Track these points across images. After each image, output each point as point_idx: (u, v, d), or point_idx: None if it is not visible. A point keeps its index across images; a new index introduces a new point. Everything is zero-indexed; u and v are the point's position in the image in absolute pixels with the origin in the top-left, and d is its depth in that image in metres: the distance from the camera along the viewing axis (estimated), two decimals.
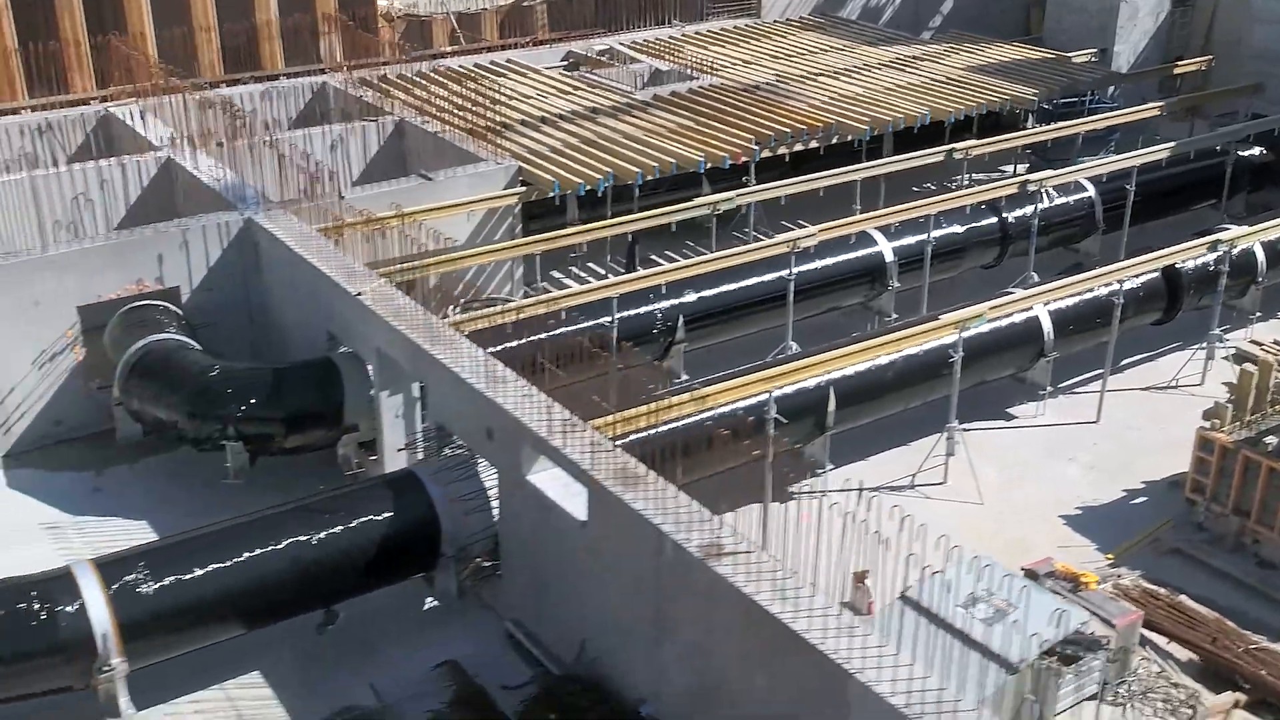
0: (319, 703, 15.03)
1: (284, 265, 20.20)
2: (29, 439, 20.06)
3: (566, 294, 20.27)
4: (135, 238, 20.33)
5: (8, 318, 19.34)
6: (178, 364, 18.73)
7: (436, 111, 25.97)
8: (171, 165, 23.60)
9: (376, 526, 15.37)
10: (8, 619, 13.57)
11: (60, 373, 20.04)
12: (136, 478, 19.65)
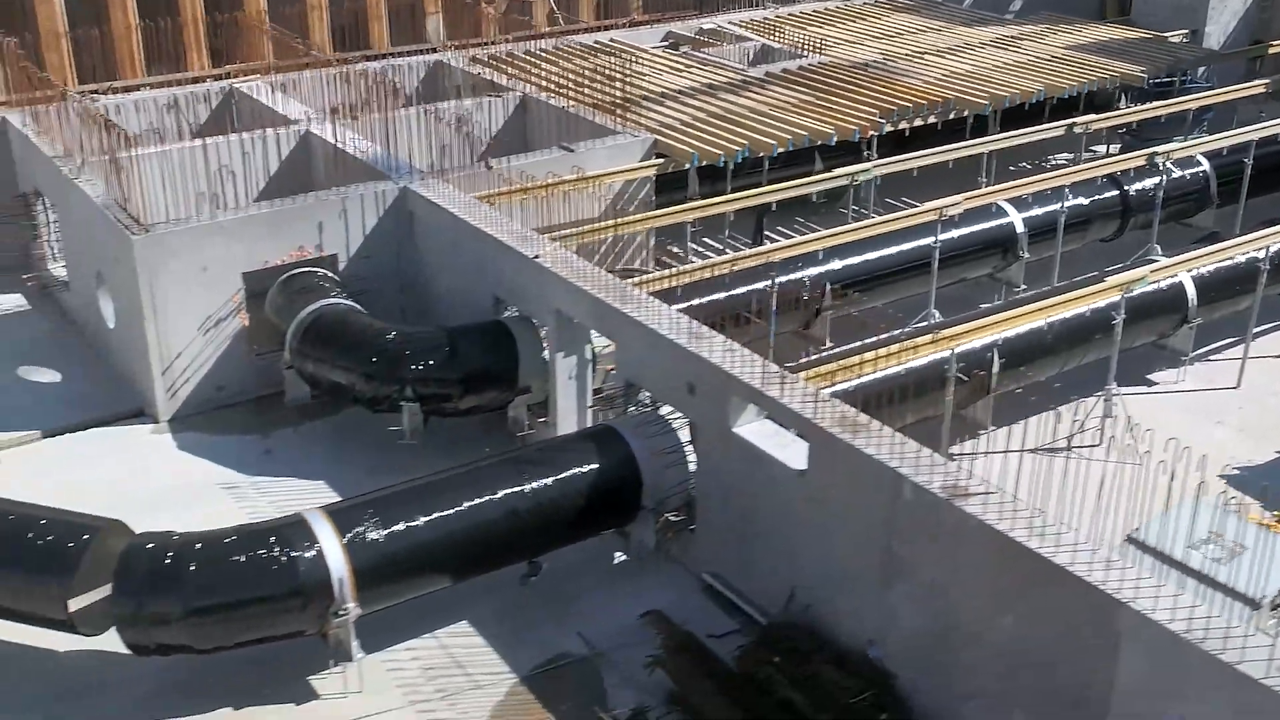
0: (530, 651, 15.31)
1: (445, 231, 20.48)
2: (192, 403, 20.34)
3: (730, 259, 20.56)
4: (298, 205, 20.61)
5: (178, 283, 19.64)
6: (353, 327, 19.01)
7: (556, 88, 26.24)
8: (310, 137, 23.89)
9: (583, 479, 15.63)
10: (251, 563, 13.85)
11: (224, 338, 20.32)
12: (303, 440, 19.93)
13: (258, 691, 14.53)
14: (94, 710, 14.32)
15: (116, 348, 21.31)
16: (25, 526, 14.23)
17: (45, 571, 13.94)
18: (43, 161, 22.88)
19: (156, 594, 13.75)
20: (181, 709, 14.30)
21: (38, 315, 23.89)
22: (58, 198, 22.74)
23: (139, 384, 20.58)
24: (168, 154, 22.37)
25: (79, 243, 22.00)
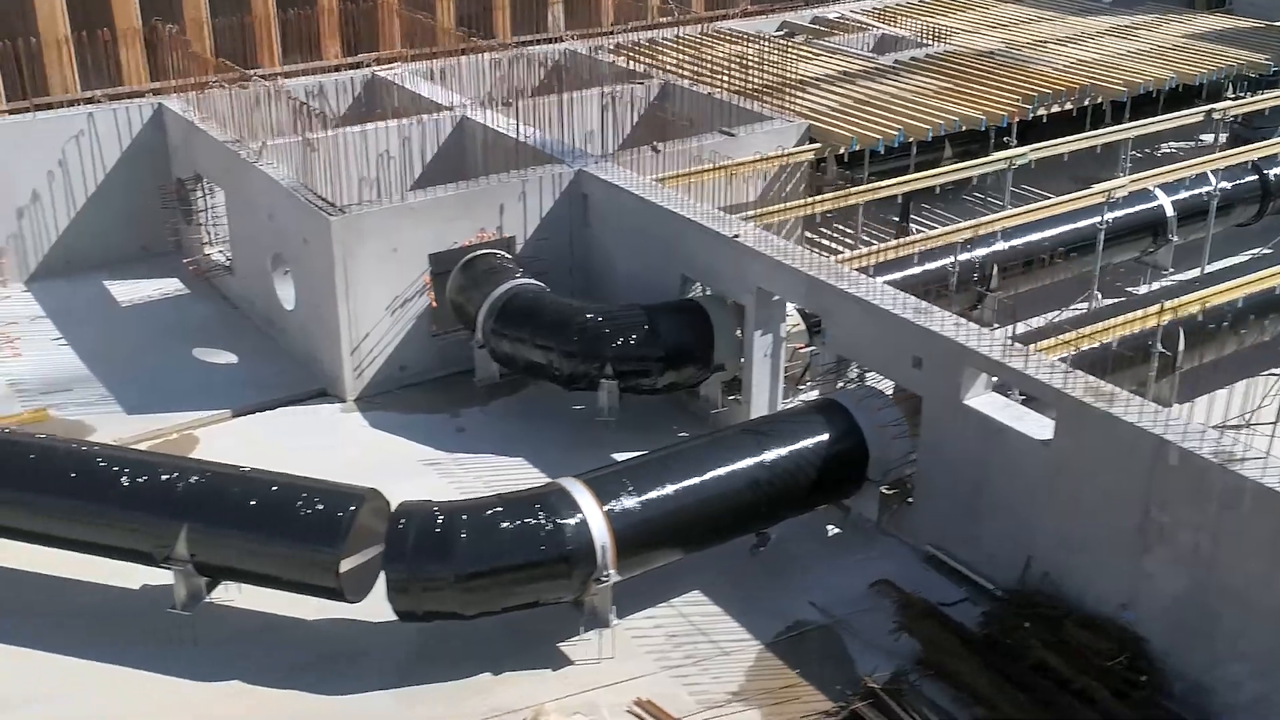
0: (766, 619, 15.61)
1: (625, 213, 20.78)
2: (377, 383, 20.66)
3: (917, 239, 20.87)
4: (482, 188, 20.91)
5: (370, 264, 19.95)
6: (550, 307, 19.31)
7: (695, 75, 26.53)
8: (466, 123, 24.19)
9: (815, 450, 15.92)
10: (519, 531, 14.16)
11: (408, 319, 20.63)
12: (491, 418, 20.25)
13: (513, 658, 14.84)
14: (358, 676, 14.62)
15: (296, 329, 21.61)
16: (291, 496, 14.54)
17: (315, 539, 14.24)
18: (210, 146, 23.20)
19: (429, 561, 14.07)
20: (442, 674, 14.62)
21: (197, 299, 24.22)
22: (228, 182, 23.03)
23: (322, 364, 20.88)
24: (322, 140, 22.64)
25: (252, 227, 22.28)
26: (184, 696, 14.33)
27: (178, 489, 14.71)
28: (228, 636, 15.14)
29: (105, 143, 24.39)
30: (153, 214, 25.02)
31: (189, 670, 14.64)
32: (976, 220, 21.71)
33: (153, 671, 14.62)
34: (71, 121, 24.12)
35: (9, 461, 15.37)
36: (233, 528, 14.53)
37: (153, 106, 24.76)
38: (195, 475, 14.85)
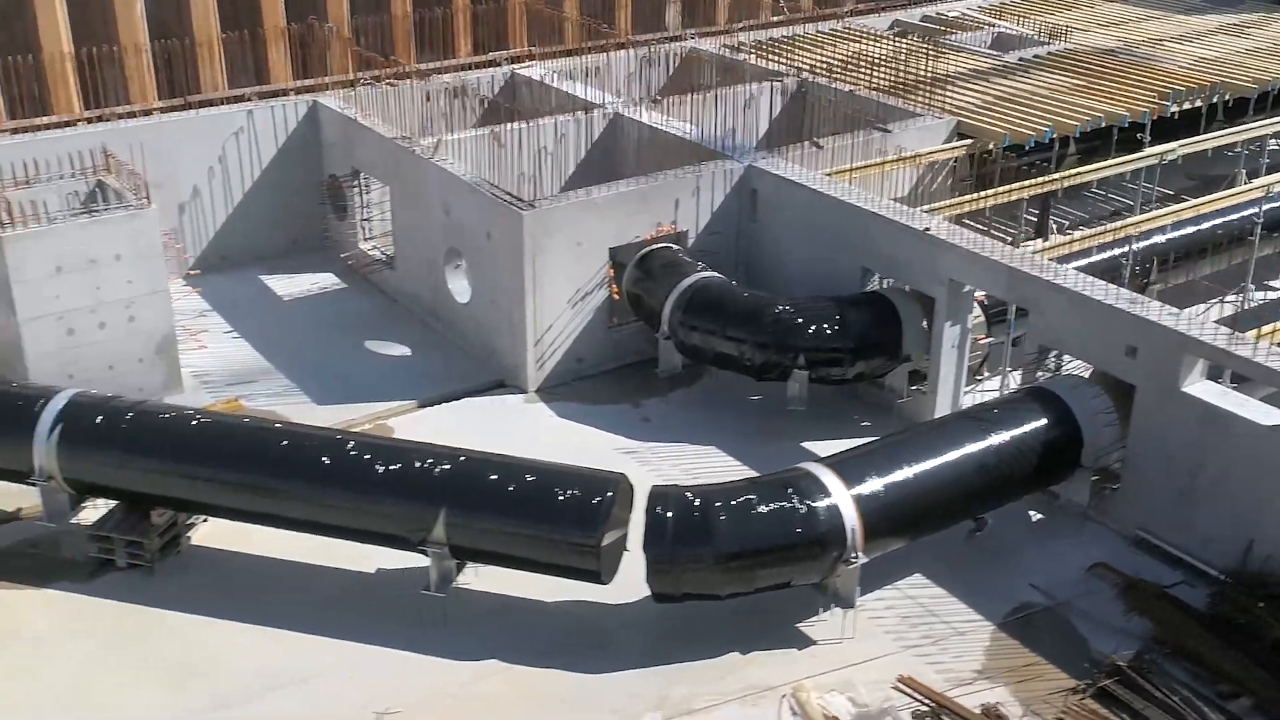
0: (990, 601, 16.04)
1: (798, 207, 21.20)
2: (556, 375, 21.10)
3: (1097, 231, 21.33)
4: (658, 184, 21.34)
5: (556, 258, 20.39)
6: (739, 299, 19.75)
7: (829, 72, 26.94)
8: (620, 120, 24.62)
9: (1035, 437, 16.35)
10: (775, 514, 14.60)
11: (587, 312, 21.07)
12: (672, 408, 20.69)
13: (756, 639, 15.27)
14: (611, 655, 15.08)
15: (469, 322, 22.04)
16: (548, 481, 14.98)
17: (575, 524, 14.69)
18: (374, 142, 23.64)
19: (690, 544, 14.53)
20: (690, 654, 15.06)
21: (354, 293, 24.64)
22: (395, 177, 23.44)
23: (500, 356, 21.31)
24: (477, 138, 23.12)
25: (422, 221, 22.70)
26: (447, 675, 14.79)
27: (434, 475, 15.16)
28: (475, 618, 15.60)
29: (262, 140, 24.83)
30: (302, 209, 25.47)
31: (446, 650, 15.11)
32: (1151, 213, 22.15)
33: (412, 651, 15.09)
34: (232, 119, 24.56)
35: (261, 450, 15.81)
36: (491, 513, 14.98)
37: (307, 104, 25.20)
38: (448, 462, 15.29)
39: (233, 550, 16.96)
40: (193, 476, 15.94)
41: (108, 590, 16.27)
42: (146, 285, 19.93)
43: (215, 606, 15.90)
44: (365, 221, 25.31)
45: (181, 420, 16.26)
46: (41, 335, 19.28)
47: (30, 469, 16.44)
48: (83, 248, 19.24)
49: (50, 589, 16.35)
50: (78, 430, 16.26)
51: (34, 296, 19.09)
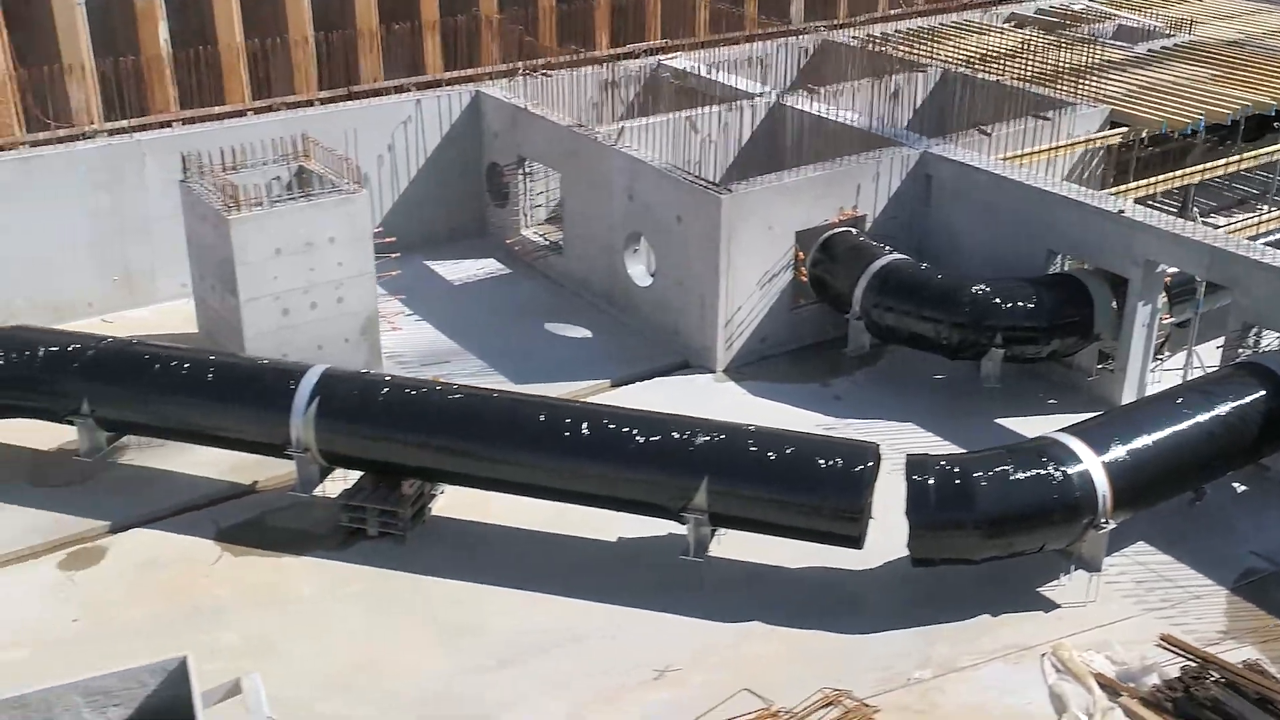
0: (1217, 567, 16.64)
1: (978, 190, 21.79)
2: (743, 355, 21.70)
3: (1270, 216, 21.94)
4: (842, 169, 21.94)
5: (748, 240, 21.00)
6: (933, 280, 20.33)
7: (970, 62, 27.54)
8: (781, 108, 25.22)
9: (1254, 409, 16.90)
10: (1032, 480, 15.21)
11: (773, 293, 21.68)
12: (860, 387, 21.28)
13: (1003, 601, 15.88)
14: (868, 616, 15.73)
15: (650, 305, 22.63)
16: (807, 451, 15.61)
17: (839, 492, 15.32)
18: (547, 130, 24.25)
19: (953, 510, 15.15)
20: (943, 616, 15.67)
21: (520, 277, 25.23)
22: (568, 164, 24.01)
23: (686, 337, 21.90)
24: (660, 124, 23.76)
25: (597, 207, 23.28)
26: (712, 636, 15.40)
27: (695, 445, 15.77)
28: (728, 582, 16.22)
29: (428, 129, 25.43)
30: (462, 197, 26.09)
31: (707, 613, 15.73)
32: None
33: (673, 614, 15.70)
34: (401, 108, 25.16)
35: (521, 423, 16.42)
36: (754, 481, 15.60)
37: (470, 94, 25.81)
38: (707, 433, 15.90)
39: (472, 520, 17.60)
40: (452, 449, 16.56)
41: (363, 557, 16.90)
42: (355, 267, 20.56)
43: (471, 572, 16.55)
44: (526, 209, 25.90)
45: (439, 394, 16.87)
46: (260, 315, 19.90)
47: (287, 441, 17.06)
48: (301, 230, 19.87)
49: (306, 557, 17.00)
50: (334, 404, 16.88)
51: (255, 277, 19.71)
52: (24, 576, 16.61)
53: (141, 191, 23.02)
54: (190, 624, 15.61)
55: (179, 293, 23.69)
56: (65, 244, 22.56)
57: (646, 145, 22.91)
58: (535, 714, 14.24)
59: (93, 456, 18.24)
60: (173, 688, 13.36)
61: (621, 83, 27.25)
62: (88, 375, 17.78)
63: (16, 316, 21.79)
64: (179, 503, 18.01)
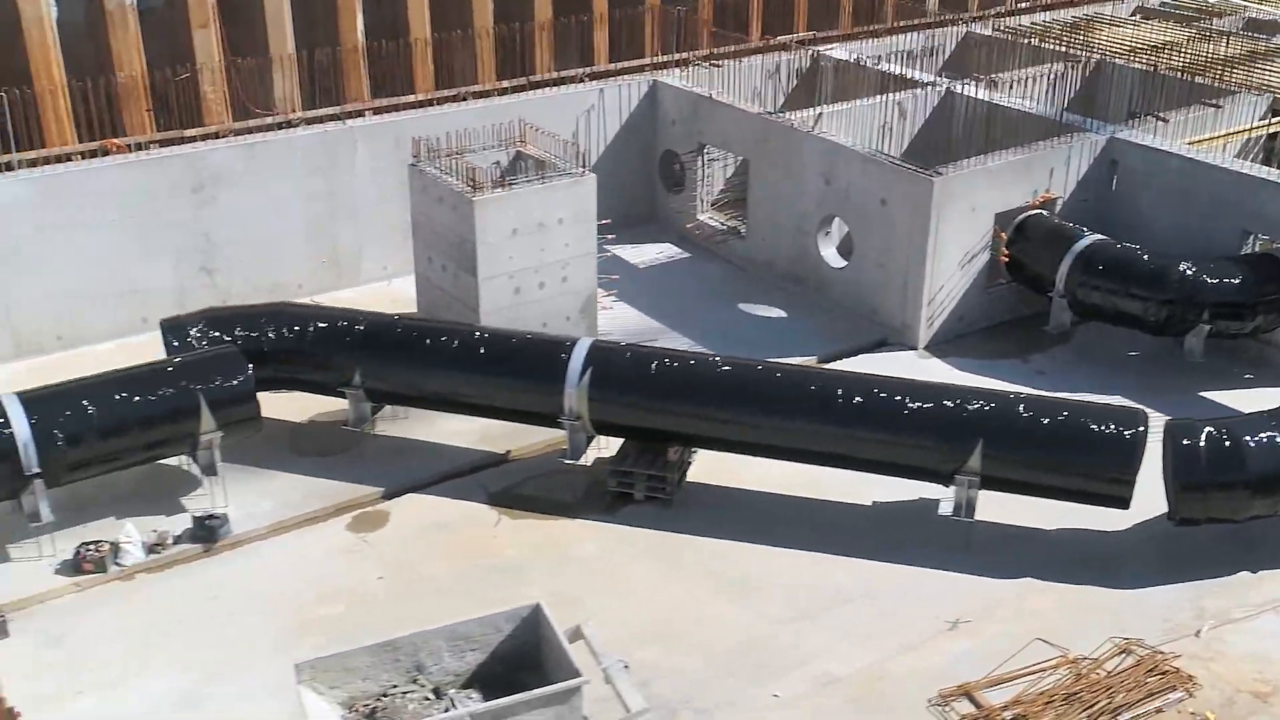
0: None
1: (1170, 175, 22.64)
2: (942, 333, 22.57)
3: None
4: (1038, 154, 22.79)
5: (953, 222, 21.86)
6: (1139, 260, 21.14)
7: (1122, 53, 28.38)
8: (951, 95, 26.07)
9: None
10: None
11: (972, 273, 22.54)
12: (1059, 363, 22.13)
13: (1260, 558, 16.73)
14: (1134, 572, 16.59)
15: (845, 285, 23.50)
16: (1078, 415, 16.49)
17: (1113, 456, 16.19)
18: (733, 117, 25.12)
19: (1223, 470, 16.01)
20: (1203, 571, 16.52)
21: (700, 260, 26.13)
22: (758, 150, 24.84)
23: (886, 316, 22.77)
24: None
25: (788, 192, 24.14)
26: (993, 591, 16.24)
27: (968, 410, 16.65)
28: (992, 542, 17.08)
29: (608, 117, 26.30)
30: (636, 183, 26.96)
31: (982, 569, 16.59)
32: None
33: (953, 571, 16.56)
34: (585, 97, 26.04)
35: (795, 393, 17.30)
36: (1028, 445, 16.47)
37: (648, 83, 26.68)
38: (979, 400, 16.77)
39: (726, 485, 18.49)
40: (728, 418, 17.40)
41: (634, 520, 17.77)
42: (580, 248, 21.41)
43: (741, 533, 17.39)
44: (702, 194, 26.78)
45: (710, 365, 17.73)
46: (495, 293, 20.76)
47: (559, 411, 17.92)
48: (535, 211, 20.72)
49: (579, 520, 17.88)
50: (607, 375, 17.74)
51: (493, 257, 20.56)
52: (318, 538, 17.49)
53: (351, 176, 23.93)
54: (491, 581, 16.48)
55: (380, 275, 24.72)
56: (282, 227, 23.46)
57: (852, 130, 23.79)
58: (844, 661, 15.08)
59: (359, 426, 19.14)
60: (523, 634, 14.30)
61: (781, 72, 28.14)
62: (361, 349, 18.65)
63: (236, 297, 22.79)
64: (443, 470, 18.90)
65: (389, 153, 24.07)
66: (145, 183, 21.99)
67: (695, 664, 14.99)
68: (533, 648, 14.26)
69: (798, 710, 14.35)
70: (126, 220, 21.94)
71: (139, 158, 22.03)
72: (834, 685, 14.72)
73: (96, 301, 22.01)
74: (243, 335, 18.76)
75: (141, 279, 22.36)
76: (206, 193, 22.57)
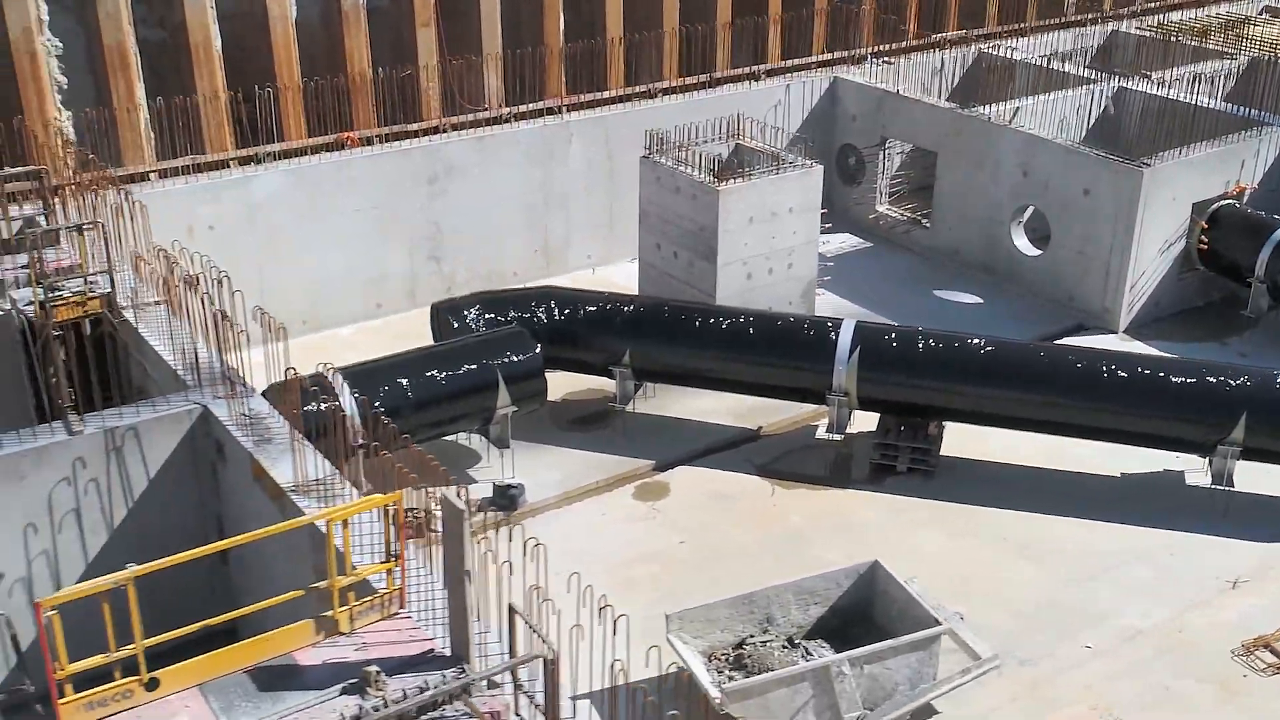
0: None
1: None
2: (1140, 317, 23.67)
3: None
4: (1232, 146, 23.90)
5: (1155, 211, 22.97)
6: None
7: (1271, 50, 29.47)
8: (1124, 92, 27.17)
9: None
10: None
11: (1169, 259, 23.64)
12: (1256, 345, 23.17)
13: None
14: None
15: (1040, 272, 24.61)
16: None
17: None
18: (921, 112, 26.25)
19: None
20: None
21: (882, 250, 27.27)
22: (948, 144, 25.93)
23: (1083, 301, 23.89)
24: None
25: (982, 183, 25.24)
26: (1259, 554, 17.35)
27: (1232, 385, 17.76)
28: (1244, 508, 18.19)
29: (792, 112, 27.42)
30: None
31: (1243, 534, 17.70)
32: None
33: (1218, 535, 17.67)
34: (773, 93, 27.17)
35: (1052, 371, 18.41)
36: None
37: (829, 79, 27.79)
38: (1239, 376, 17.90)
39: (975, 457, 19.58)
40: (995, 395, 18.51)
41: (902, 490, 18.87)
42: (804, 236, 22.49)
43: (1010, 501, 18.47)
44: (881, 186, 27.89)
45: (974, 345, 18.82)
46: (730, 279, 21.83)
47: (828, 388, 19.02)
48: (769, 200, 21.80)
49: (848, 490, 18.99)
50: (876, 353, 18.85)
51: (731, 244, 21.64)
52: (609, 506, 18.59)
53: (564, 168, 25.04)
54: (784, 546, 17.58)
55: (584, 263, 25.84)
56: (503, 217, 24.58)
57: (1044, 125, 24.95)
58: (1143, 616, 16.19)
59: (625, 403, 20.24)
60: (857, 590, 15.41)
61: (947, 69, 29.25)
62: (631, 330, 19.76)
63: (459, 285, 23.91)
64: (706, 444, 20.00)
65: (598, 146, 25.22)
66: (389, 174, 23.13)
67: (1003, 620, 16.07)
68: (865, 603, 15.37)
69: (1114, 659, 15.45)
70: (369, 210, 23.07)
71: (383, 150, 23.12)
72: (1139, 637, 15.84)
73: (340, 287, 23.12)
74: (515, 317, 19.86)
75: (379, 266, 23.49)
76: (439, 184, 23.69)
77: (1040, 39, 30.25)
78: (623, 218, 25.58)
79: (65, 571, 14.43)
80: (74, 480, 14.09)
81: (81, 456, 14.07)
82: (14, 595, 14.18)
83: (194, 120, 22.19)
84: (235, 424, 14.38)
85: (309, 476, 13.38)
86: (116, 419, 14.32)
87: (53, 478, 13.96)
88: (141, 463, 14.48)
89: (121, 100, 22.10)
